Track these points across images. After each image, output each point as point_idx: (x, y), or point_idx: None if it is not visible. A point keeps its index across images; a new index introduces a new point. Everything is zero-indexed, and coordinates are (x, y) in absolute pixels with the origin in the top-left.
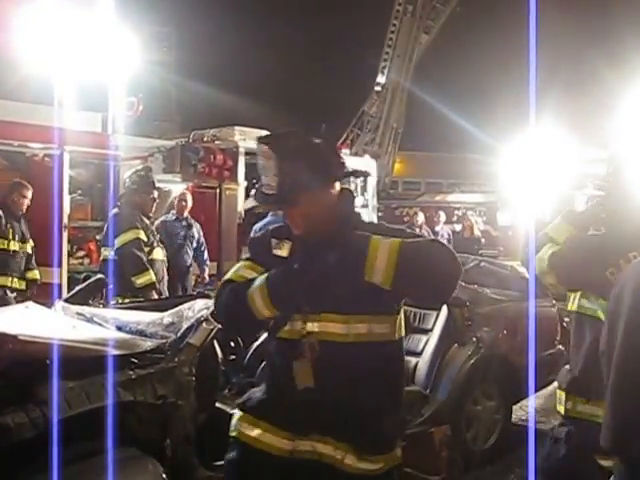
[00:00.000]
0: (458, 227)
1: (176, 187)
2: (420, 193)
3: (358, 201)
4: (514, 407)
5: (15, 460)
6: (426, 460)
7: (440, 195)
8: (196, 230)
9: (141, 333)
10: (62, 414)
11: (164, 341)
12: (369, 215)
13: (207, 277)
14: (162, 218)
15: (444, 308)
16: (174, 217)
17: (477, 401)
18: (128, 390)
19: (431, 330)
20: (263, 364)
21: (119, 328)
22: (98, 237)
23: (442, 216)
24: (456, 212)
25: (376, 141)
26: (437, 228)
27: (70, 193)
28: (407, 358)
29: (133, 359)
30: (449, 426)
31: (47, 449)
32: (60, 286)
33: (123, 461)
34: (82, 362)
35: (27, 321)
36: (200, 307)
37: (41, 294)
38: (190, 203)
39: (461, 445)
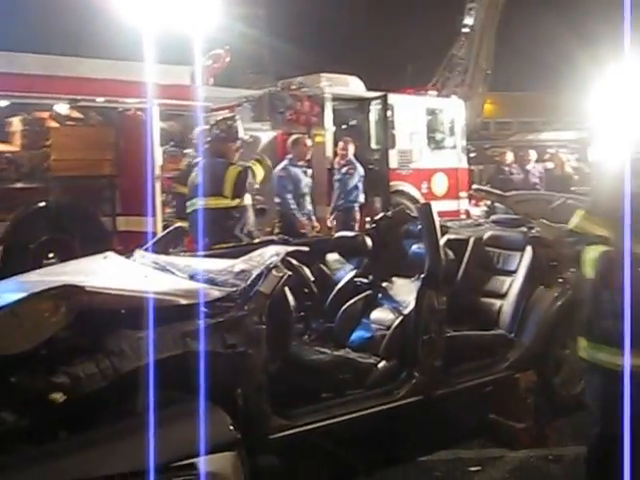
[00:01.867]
0: (550, 165)
1: (265, 135)
2: (512, 132)
3: (447, 143)
4: None
5: (85, 411)
6: (511, 407)
7: (532, 134)
8: (309, 175)
9: (212, 281)
10: (132, 364)
11: (234, 289)
12: (458, 156)
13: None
14: (282, 165)
15: (529, 248)
16: (293, 162)
17: (565, 345)
18: (197, 339)
19: (515, 271)
20: (342, 309)
21: (191, 277)
22: None
23: (533, 155)
24: (548, 150)
25: (466, 82)
26: (528, 167)
27: (162, 145)
28: (491, 300)
29: (202, 308)
30: (535, 371)
31: (117, 400)
32: (155, 235)
33: (192, 411)
34: (151, 312)
35: (101, 271)
36: (271, 254)
37: (138, 242)
38: (310, 144)
39: (548, 391)
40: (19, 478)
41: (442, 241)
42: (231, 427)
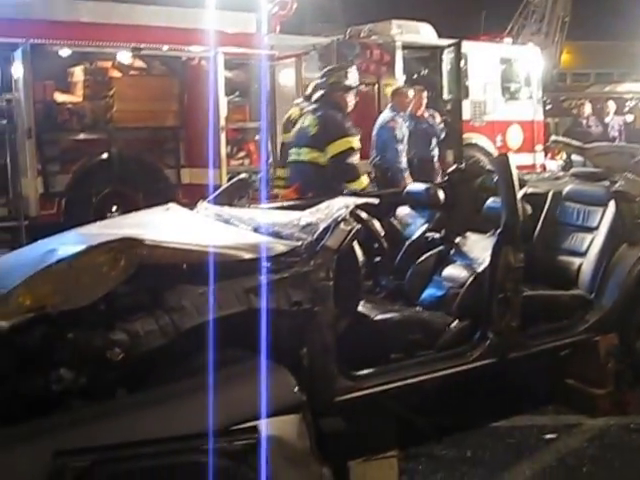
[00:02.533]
0: (630, 118)
1: None
2: (589, 84)
3: (523, 93)
4: None
5: (143, 369)
6: (591, 371)
7: (610, 85)
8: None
9: (276, 235)
10: (192, 321)
11: (299, 243)
12: (534, 108)
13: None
14: (389, 116)
15: (612, 204)
16: (397, 114)
17: None
18: (261, 296)
19: (597, 228)
20: (413, 265)
21: (255, 230)
22: (257, 137)
23: (612, 107)
24: (627, 103)
25: (542, 31)
26: (607, 119)
27: (227, 95)
28: (570, 259)
29: (266, 263)
30: (617, 334)
31: (176, 359)
32: (219, 187)
33: (254, 372)
34: (212, 267)
35: (163, 224)
36: (339, 206)
37: (202, 195)
38: (411, 96)
39: (630, 355)
40: (76, 437)
41: (519, 195)
42: (296, 388)
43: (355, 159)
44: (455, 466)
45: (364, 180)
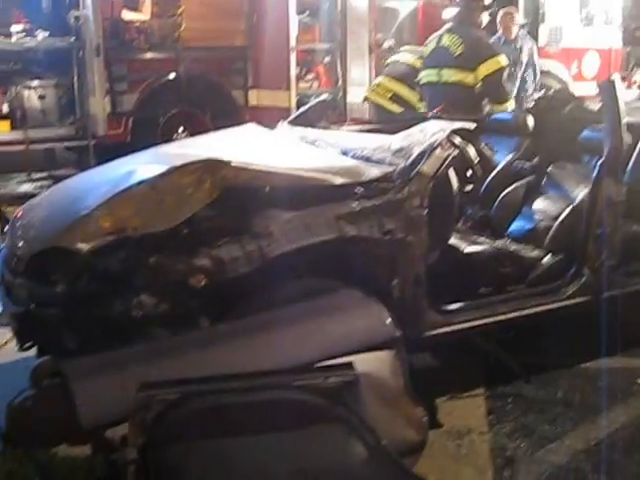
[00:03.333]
0: None
1: (404, 5)
2: None
3: (602, 18)
4: None
5: (229, 298)
6: None
7: None
8: (527, 53)
9: (367, 159)
10: (280, 248)
11: (392, 169)
12: (613, 34)
13: None
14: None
15: None
16: (502, 39)
17: None
18: (352, 223)
19: None
20: (501, 195)
21: (343, 153)
22: (327, 59)
23: None
24: None
25: None
26: None
27: (297, 14)
28: None
29: (357, 188)
30: None
31: (263, 287)
32: (289, 110)
33: (345, 302)
34: (302, 191)
35: (245, 145)
36: (434, 130)
37: (270, 117)
38: (517, 20)
39: None
40: (162, 368)
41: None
42: (389, 321)
43: (505, 79)
44: (545, 408)
45: (510, 103)
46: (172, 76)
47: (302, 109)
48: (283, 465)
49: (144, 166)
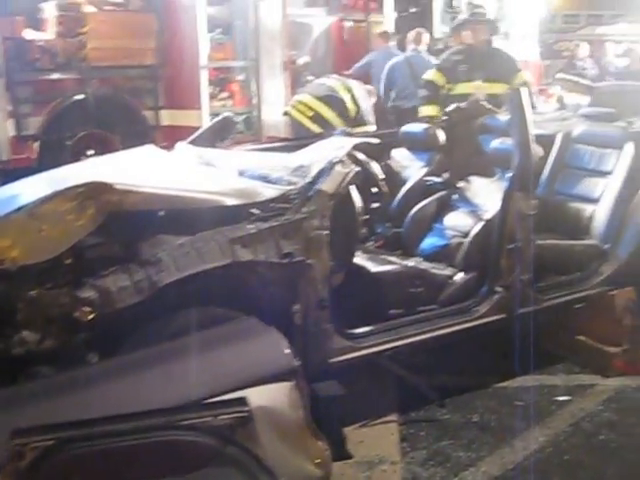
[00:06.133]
0: (625, 61)
1: (318, 21)
2: (580, 26)
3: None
4: None
5: (117, 328)
6: (605, 328)
7: (602, 27)
8: None
9: (264, 179)
10: (170, 276)
11: (290, 188)
12: (528, 48)
13: None
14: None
15: (629, 146)
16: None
17: None
18: (247, 247)
19: (611, 173)
20: (412, 212)
21: (241, 173)
22: (241, 77)
23: (611, 49)
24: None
25: None
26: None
27: (209, 32)
28: (581, 205)
29: (253, 210)
30: (634, 289)
31: (153, 318)
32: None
33: (240, 332)
34: (193, 214)
35: (138, 166)
36: (334, 146)
37: (182, 137)
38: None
39: None
40: (38, 411)
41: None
42: (288, 351)
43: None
44: (461, 432)
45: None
46: (80, 97)
47: (202, 129)
48: None
49: (26, 191)
